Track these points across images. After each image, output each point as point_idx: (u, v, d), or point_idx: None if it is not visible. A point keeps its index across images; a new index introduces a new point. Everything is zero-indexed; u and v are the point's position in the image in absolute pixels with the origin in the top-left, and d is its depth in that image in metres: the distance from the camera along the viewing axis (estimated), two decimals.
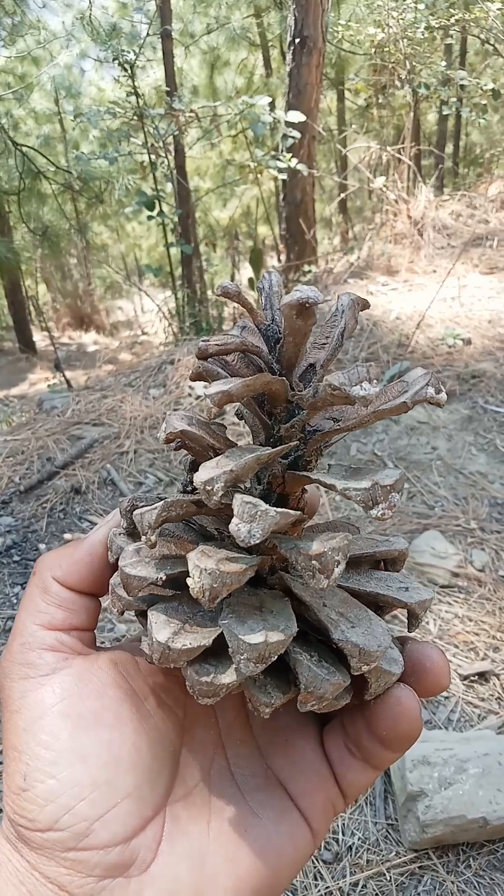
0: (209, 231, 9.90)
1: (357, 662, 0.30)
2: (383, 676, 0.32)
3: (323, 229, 8.46)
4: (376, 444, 2.58)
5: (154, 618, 0.31)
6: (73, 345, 9.29)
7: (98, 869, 0.29)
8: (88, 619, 0.37)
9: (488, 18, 5.18)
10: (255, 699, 0.31)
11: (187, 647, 0.30)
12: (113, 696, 0.34)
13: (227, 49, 9.60)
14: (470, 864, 1.22)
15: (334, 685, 0.30)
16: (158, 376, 3.25)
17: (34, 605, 0.36)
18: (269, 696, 0.31)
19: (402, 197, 4.63)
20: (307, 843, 0.34)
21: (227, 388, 0.31)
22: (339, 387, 0.30)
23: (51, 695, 0.32)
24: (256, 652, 0.28)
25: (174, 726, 0.35)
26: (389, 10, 5.23)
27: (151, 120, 4.49)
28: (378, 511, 0.30)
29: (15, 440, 2.72)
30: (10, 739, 0.32)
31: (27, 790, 0.30)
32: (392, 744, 0.33)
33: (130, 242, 12.88)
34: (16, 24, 8.41)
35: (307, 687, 0.30)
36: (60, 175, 6.10)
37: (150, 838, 0.31)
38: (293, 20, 4.55)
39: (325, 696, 0.30)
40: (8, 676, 0.34)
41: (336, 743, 0.35)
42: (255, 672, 0.29)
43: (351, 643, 0.30)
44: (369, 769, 0.35)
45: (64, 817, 0.29)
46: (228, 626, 0.29)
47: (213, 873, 0.31)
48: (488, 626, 1.71)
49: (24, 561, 2.05)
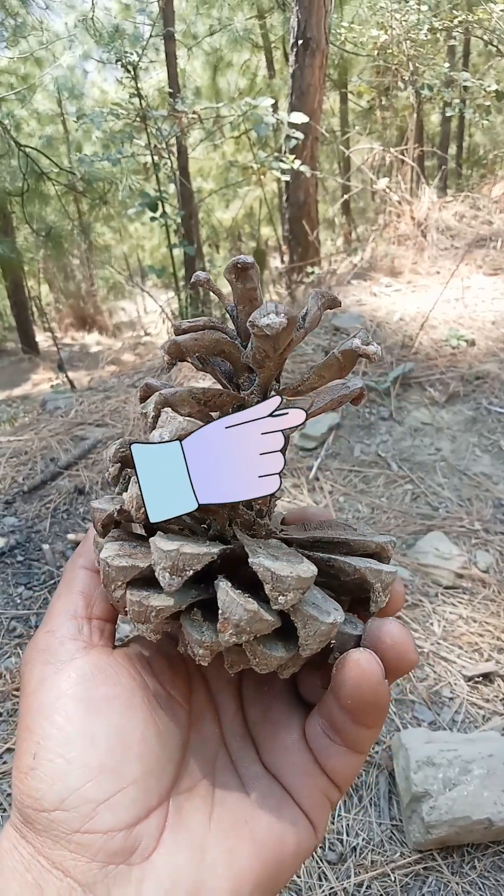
0: (212, 232, 9.91)
1: (271, 590, 0.29)
2: (311, 622, 0.31)
3: (326, 231, 8.46)
4: (380, 445, 2.58)
5: (107, 545, 0.34)
6: (75, 345, 9.30)
7: (101, 854, 0.30)
8: (108, 609, 0.38)
9: (492, 19, 5.18)
10: (190, 637, 0.31)
11: (123, 566, 0.32)
12: (126, 685, 0.34)
13: (229, 50, 9.61)
14: (475, 866, 1.21)
15: (249, 612, 0.29)
16: (162, 377, 3.25)
17: (62, 595, 0.37)
18: (201, 634, 0.31)
19: (405, 198, 4.63)
20: (308, 836, 0.35)
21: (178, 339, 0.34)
22: (252, 320, 0.32)
23: (66, 680, 0.33)
24: (170, 561, 0.30)
25: (182, 721, 0.36)
26: (392, 11, 5.23)
27: (154, 121, 4.49)
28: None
29: (18, 441, 2.73)
30: (24, 721, 0.33)
31: (36, 769, 0.31)
32: (360, 715, 0.32)
33: (133, 243, 12.89)
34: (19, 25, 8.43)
35: (223, 612, 0.29)
36: (64, 176, 6.11)
37: (152, 827, 0.32)
38: (296, 22, 4.55)
39: (241, 624, 0.29)
40: (29, 662, 0.35)
41: (315, 731, 0.35)
42: (171, 586, 0.30)
43: (263, 566, 0.30)
44: (351, 753, 0.34)
45: (70, 797, 0.30)
46: (154, 541, 0.31)
47: (213, 864, 0.32)
48: (493, 627, 1.71)
49: (27, 561, 2.05)
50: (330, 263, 5.00)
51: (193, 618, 0.32)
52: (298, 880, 1.20)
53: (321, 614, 0.31)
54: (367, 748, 0.35)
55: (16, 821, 0.31)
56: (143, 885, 0.30)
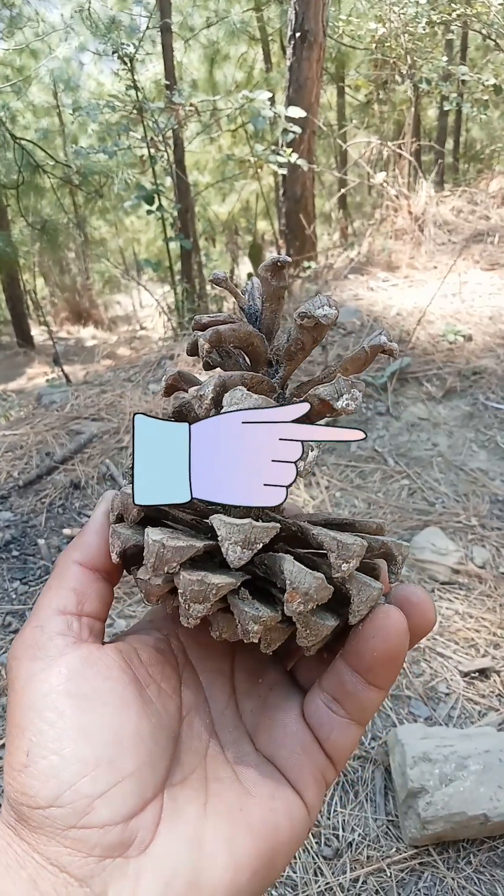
0: (208, 226, 9.87)
1: (336, 559, 0.31)
2: (364, 589, 0.33)
3: (323, 225, 8.44)
4: (377, 440, 2.58)
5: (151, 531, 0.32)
6: (71, 339, 9.26)
7: (98, 848, 0.29)
8: (100, 607, 0.37)
9: (490, 13, 5.16)
10: (244, 615, 0.31)
11: (180, 546, 0.31)
12: (117, 679, 0.34)
13: (226, 43, 9.55)
14: (470, 861, 1.22)
15: (318, 580, 0.30)
16: (158, 371, 3.24)
17: (52, 589, 0.37)
18: (257, 611, 0.31)
19: (402, 192, 4.62)
20: (303, 817, 0.35)
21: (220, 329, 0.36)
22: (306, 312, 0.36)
23: (57, 675, 0.33)
24: (242, 534, 0.30)
25: (173, 713, 0.36)
26: (390, 4, 5.21)
27: (151, 114, 4.46)
28: (342, 402, 0.34)
29: (14, 435, 2.72)
30: (14, 718, 0.32)
31: (29, 766, 0.30)
32: (381, 668, 0.34)
33: (129, 237, 12.84)
34: (14, 17, 8.36)
35: (292, 582, 0.30)
36: (59, 169, 6.07)
37: (149, 819, 0.31)
38: (294, 14, 4.52)
39: (310, 592, 0.30)
40: (17, 658, 0.34)
41: (316, 706, 0.36)
42: (242, 559, 0.30)
43: (329, 536, 0.32)
44: (353, 725, 0.35)
45: (65, 793, 0.30)
46: (219, 518, 0.31)
47: (210, 853, 0.32)
48: (489, 622, 1.71)
49: (22, 556, 2.04)
50: (327, 257, 4.99)
51: (243, 597, 0.32)
52: (294, 875, 1.20)
53: (371, 581, 0.33)
54: (369, 718, 0.36)
55: (9, 818, 0.31)
56: (140, 877, 0.30)
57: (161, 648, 0.38)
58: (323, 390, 0.34)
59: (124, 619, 1.73)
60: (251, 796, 0.34)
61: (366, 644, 0.33)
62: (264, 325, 0.40)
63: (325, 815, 1.31)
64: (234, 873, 0.32)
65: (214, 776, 0.35)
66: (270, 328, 0.40)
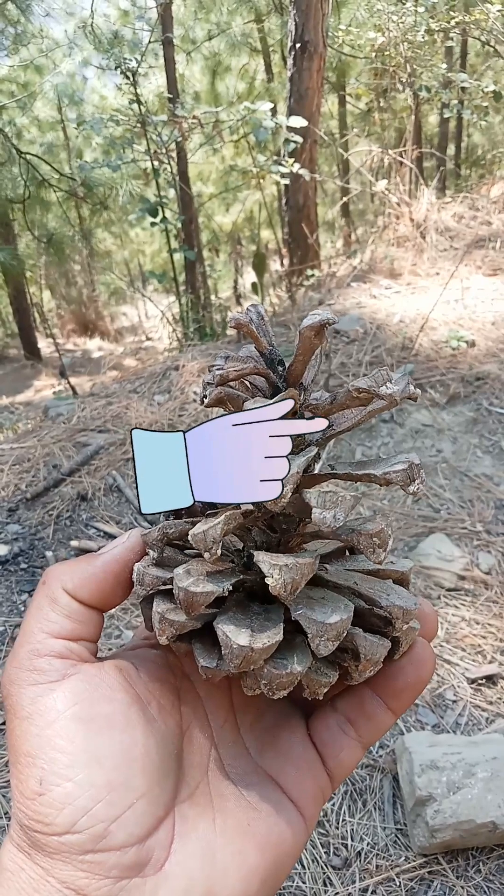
0: (212, 236, 9.92)
1: (401, 623, 0.36)
2: (410, 634, 0.37)
3: (325, 233, 8.47)
4: (381, 447, 2.58)
5: (225, 628, 0.33)
6: (77, 351, 9.32)
7: (115, 870, 0.30)
8: (94, 631, 0.38)
9: (489, 20, 5.18)
10: (314, 682, 0.34)
11: (267, 645, 0.32)
12: (122, 700, 0.34)
13: (228, 55, 9.62)
14: (479, 869, 1.21)
15: (384, 647, 0.35)
16: (163, 382, 3.25)
17: (43, 614, 0.36)
18: (326, 677, 0.34)
19: (404, 200, 4.63)
20: (302, 830, 0.36)
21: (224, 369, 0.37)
22: (367, 388, 0.35)
23: (62, 700, 0.33)
24: (335, 631, 0.32)
25: (175, 730, 0.36)
26: (389, 13, 5.24)
27: (154, 127, 4.51)
28: (414, 487, 0.35)
29: (21, 447, 2.74)
30: (22, 746, 0.32)
31: (43, 794, 0.30)
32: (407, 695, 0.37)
33: (134, 248, 12.91)
34: (19, 34, 8.46)
35: (367, 655, 0.34)
36: (64, 182, 6.13)
37: (163, 837, 0.32)
38: (294, 25, 4.56)
39: (379, 660, 0.35)
40: (15, 683, 0.34)
41: (327, 726, 0.38)
42: (330, 651, 0.33)
43: (396, 606, 0.36)
44: (360, 747, 0.38)
45: (81, 819, 0.30)
46: (304, 615, 0.33)
47: (223, 868, 0.33)
48: (495, 629, 1.70)
49: (31, 568, 2.06)
50: (330, 266, 5.01)
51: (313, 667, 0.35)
52: (304, 886, 1.20)
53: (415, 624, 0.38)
54: (376, 740, 0.38)
55: (21, 843, 0.31)
56: (158, 894, 0.30)
57: (159, 664, 0.39)
58: (395, 476, 0.35)
59: (132, 631, 1.74)
60: (256, 811, 0.35)
61: (404, 672, 0.37)
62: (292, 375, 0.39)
63: (333, 824, 1.31)
64: (245, 885, 0.33)
65: (218, 792, 0.36)
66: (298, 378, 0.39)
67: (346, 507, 0.33)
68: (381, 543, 0.35)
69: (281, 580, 0.32)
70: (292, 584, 0.32)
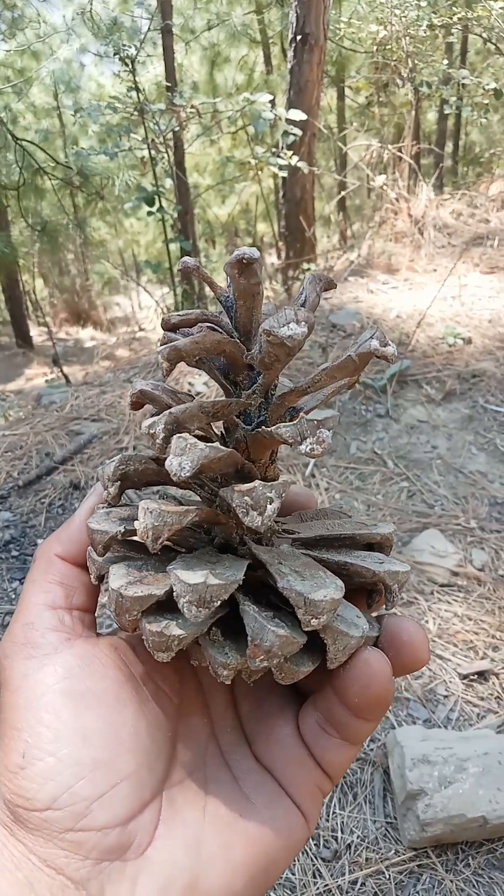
0: (208, 228, 9.89)
1: (304, 615, 0.29)
2: (340, 638, 0.31)
3: (322, 227, 8.45)
4: (376, 442, 2.58)
5: (114, 571, 0.32)
6: (70, 340, 9.26)
7: (95, 851, 0.29)
8: (88, 600, 0.37)
9: (490, 17, 5.17)
10: (213, 660, 0.30)
11: (138, 595, 0.30)
12: (114, 677, 0.33)
13: (227, 45, 9.57)
14: (469, 863, 1.22)
15: (281, 637, 0.29)
16: (157, 372, 3.24)
17: (37, 584, 0.36)
18: (226, 657, 0.30)
19: (402, 195, 4.63)
20: (301, 827, 0.34)
21: (178, 345, 0.32)
22: (269, 329, 0.31)
23: (52, 674, 0.32)
24: (196, 594, 0.28)
25: (171, 712, 0.36)
26: (392, 7, 5.22)
27: (152, 115, 4.47)
28: (306, 446, 0.30)
29: (13, 435, 2.71)
30: (9, 719, 0.32)
31: (26, 768, 0.30)
32: (364, 712, 0.32)
33: (129, 238, 12.84)
34: (16, 18, 8.37)
35: (253, 638, 0.29)
36: (60, 170, 6.07)
37: (147, 822, 0.31)
38: (295, 17, 4.53)
39: (273, 649, 0.29)
40: (9, 657, 0.34)
41: (310, 724, 0.35)
42: (198, 618, 0.29)
43: (295, 591, 0.30)
44: (346, 745, 0.34)
45: (63, 796, 0.29)
46: (174, 570, 0.30)
47: (208, 858, 0.31)
48: (488, 625, 1.71)
49: (22, 556, 2.04)
50: (326, 260, 5.00)
51: (213, 638, 0.31)
52: (293, 877, 1.20)
53: (349, 628, 0.32)
54: (363, 740, 0.35)
55: (4, 818, 0.30)
56: (138, 880, 0.30)
57: None
58: (285, 431, 0.31)
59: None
60: (251, 803, 0.34)
61: (349, 689, 0.32)
62: (240, 325, 0.36)
63: (323, 816, 1.31)
64: (230, 880, 0.31)
65: (214, 779, 0.35)
66: (248, 328, 0.36)
67: (196, 455, 0.29)
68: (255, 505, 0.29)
69: (143, 525, 0.30)
70: (153, 532, 0.29)
